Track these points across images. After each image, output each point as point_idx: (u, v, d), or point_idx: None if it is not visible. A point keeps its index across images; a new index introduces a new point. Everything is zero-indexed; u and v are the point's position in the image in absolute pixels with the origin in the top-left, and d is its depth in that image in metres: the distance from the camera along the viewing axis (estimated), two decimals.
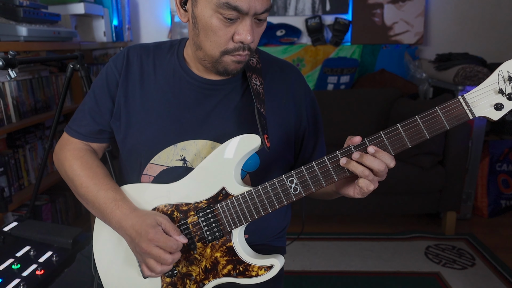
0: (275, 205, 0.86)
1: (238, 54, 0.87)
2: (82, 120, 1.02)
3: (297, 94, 1.01)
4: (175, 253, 0.86)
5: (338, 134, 2.70)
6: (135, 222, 0.88)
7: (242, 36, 0.84)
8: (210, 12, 0.83)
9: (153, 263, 0.85)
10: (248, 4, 0.80)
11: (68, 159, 1.00)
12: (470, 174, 2.54)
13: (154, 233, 0.84)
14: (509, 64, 0.71)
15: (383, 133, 0.79)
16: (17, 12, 1.81)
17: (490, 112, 0.73)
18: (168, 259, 0.84)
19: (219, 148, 0.89)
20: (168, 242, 0.84)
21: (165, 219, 0.88)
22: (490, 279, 2.03)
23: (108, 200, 0.92)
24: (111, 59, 1.01)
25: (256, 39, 0.88)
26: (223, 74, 0.92)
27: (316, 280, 2.04)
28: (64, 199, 2.43)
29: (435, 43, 3.12)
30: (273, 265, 0.87)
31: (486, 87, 0.73)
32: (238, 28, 0.84)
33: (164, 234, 0.85)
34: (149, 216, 0.88)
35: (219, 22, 0.83)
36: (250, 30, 0.84)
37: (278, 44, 3.07)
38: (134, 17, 3.17)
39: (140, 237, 0.86)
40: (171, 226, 0.87)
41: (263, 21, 0.88)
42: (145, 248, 0.85)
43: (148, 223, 0.86)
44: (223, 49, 0.86)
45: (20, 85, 2.03)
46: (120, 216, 0.90)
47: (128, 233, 0.88)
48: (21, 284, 1.13)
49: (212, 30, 0.84)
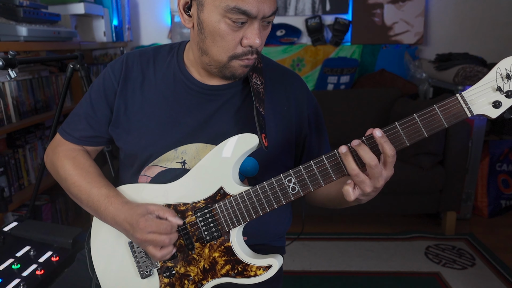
0: (273, 205, 0.86)
1: (246, 58, 0.87)
2: (77, 124, 1.02)
3: (299, 101, 1.01)
4: (172, 234, 0.86)
5: (338, 134, 2.72)
6: (127, 214, 0.88)
7: (251, 40, 0.84)
8: (218, 17, 0.82)
9: (152, 250, 0.86)
10: (257, 8, 0.80)
11: (60, 159, 1.00)
12: (470, 174, 2.53)
13: (144, 220, 0.85)
14: (507, 62, 0.71)
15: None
16: (17, 12, 1.82)
17: (488, 110, 0.72)
18: (165, 240, 0.85)
19: (216, 148, 0.89)
20: (160, 225, 0.84)
21: (157, 206, 0.88)
22: (490, 279, 2.03)
23: (101, 198, 0.93)
24: (109, 65, 1.01)
25: (263, 42, 0.88)
26: (229, 79, 0.92)
27: (316, 280, 2.04)
28: (64, 199, 2.44)
29: (435, 43, 3.12)
30: (272, 264, 0.87)
31: (484, 85, 0.72)
32: (247, 32, 0.84)
33: (155, 219, 0.85)
34: (140, 206, 0.89)
35: (227, 27, 0.83)
36: (259, 33, 0.84)
37: (278, 44, 3.07)
38: (134, 17, 3.17)
39: (133, 228, 0.86)
40: (164, 209, 0.87)
41: (270, 23, 0.88)
42: (140, 237, 0.85)
43: (138, 213, 0.87)
44: (231, 54, 0.86)
45: (20, 85, 2.04)
46: (113, 211, 0.91)
47: (123, 227, 0.89)
48: (21, 284, 1.13)
49: (220, 35, 0.84)
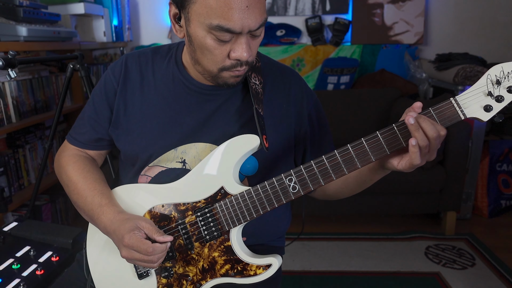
0: (274, 204, 0.86)
1: (236, 70, 0.86)
2: (81, 128, 1.03)
3: (298, 98, 1.00)
4: (153, 255, 0.82)
5: (338, 134, 2.72)
6: (116, 227, 0.87)
7: (238, 53, 0.82)
8: (204, 32, 0.81)
9: (141, 264, 0.85)
10: (241, 25, 0.78)
11: (63, 165, 1.01)
12: (470, 174, 2.53)
13: (128, 238, 0.83)
14: (496, 69, 0.75)
15: (379, 133, 0.80)
16: (17, 12, 1.82)
17: (480, 113, 0.76)
18: (152, 262, 0.83)
19: (218, 148, 0.89)
20: (141, 246, 0.82)
21: (148, 222, 0.86)
22: (490, 279, 2.03)
23: (94, 206, 0.92)
24: (110, 67, 1.01)
25: (253, 52, 0.86)
26: (223, 86, 0.92)
27: (316, 280, 2.04)
28: (64, 199, 2.44)
29: (435, 43, 3.12)
30: (272, 263, 0.87)
31: (476, 89, 0.76)
32: (234, 46, 0.82)
33: (139, 239, 0.82)
34: (130, 220, 0.86)
35: (214, 42, 0.82)
36: (246, 47, 0.82)
37: (278, 44, 3.07)
38: (134, 17, 3.17)
39: (119, 243, 0.86)
40: (153, 229, 0.85)
41: (261, 33, 0.85)
42: (125, 254, 0.85)
43: (126, 228, 0.85)
44: (220, 67, 0.86)
45: (20, 85, 2.04)
46: (105, 222, 0.90)
47: (113, 238, 0.89)
48: (21, 284, 1.13)
49: (207, 49, 0.83)
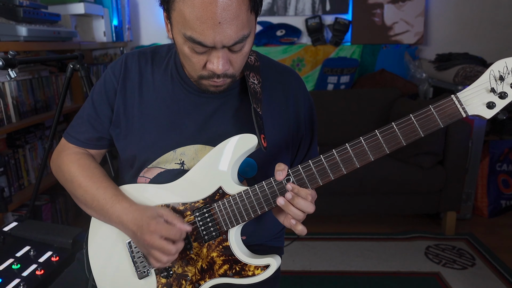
0: (272, 204, 0.86)
1: (213, 81, 0.85)
2: (81, 127, 1.02)
3: (297, 99, 1.00)
4: (178, 243, 0.86)
5: (338, 134, 2.72)
6: (136, 215, 0.88)
7: (214, 65, 0.80)
8: (182, 40, 0.80)
9: (158, 254, 0.85)
10: (212, 40, 0.76)
11: (65, 163, 1.00)
12: (470, 174, 2.53)
13: (155, 223, 0.85)
14: (500, 64, 0.72)
15: (378, 132, 0.80)
16: (17, 12, 1.82)
17: (482, 110, 0.74)
18: (172, 249, 0.84)
19: (216, 148, 0.89)
20: (170, 231, 0.84)
21: (166, 210, 0.89)
22: (490, 279, 2.03)
23: (107, 196, 0.93)
24: (109, 66, 1.01)
25: (235, 65, 0.84)
26: (206, 93, 0.92)
27: (316, 280, 2.04)
28: (64, 199, 2.44)
29: (435, 43, 3.12)
30: (270, 264, 0.87)
31: (478, 86, 0.74)
32: (210, 57, 0.81)
33: (166, 224, 0.85)
34: (150, 208, 0.89)
35: (190, 51, 0.81)
36: (222, 61, 0.80)
37: (278, 44, 3.07)
38: (134, 17, 3.18)
39: (142, 230, 0.86)
40: (173, 215, 0.87)
41: (244, 47, 0.82)
42: (148, 240, 0.85)
43: (148, 215, 0.87)
44: (198, 74, 0.86)
45: (20, 85, 2.04)
46: (120, 210, 0.90)
47: (130, 227, 0.89)
48: (21, 284, 1.13)
49: (186, 56, 0.83)
